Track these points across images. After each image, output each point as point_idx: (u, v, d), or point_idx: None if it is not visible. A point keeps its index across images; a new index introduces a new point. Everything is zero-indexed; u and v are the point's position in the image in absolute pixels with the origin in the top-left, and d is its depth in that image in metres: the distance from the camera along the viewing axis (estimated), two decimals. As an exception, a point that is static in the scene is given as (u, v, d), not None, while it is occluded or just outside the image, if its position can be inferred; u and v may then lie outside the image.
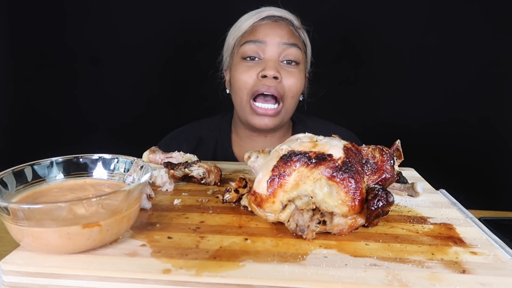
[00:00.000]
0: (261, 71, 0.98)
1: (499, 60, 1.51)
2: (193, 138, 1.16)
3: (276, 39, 0.99)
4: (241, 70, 1.01)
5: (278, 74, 0.97)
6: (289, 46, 1.00)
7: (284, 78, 0.99)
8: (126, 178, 0.56)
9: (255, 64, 1.01)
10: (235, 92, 1.05)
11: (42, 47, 1.64)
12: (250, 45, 1.00)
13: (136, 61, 1.65)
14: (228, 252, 0.46)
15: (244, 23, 1.05)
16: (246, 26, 1.04)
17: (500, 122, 1.57)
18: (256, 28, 1.02)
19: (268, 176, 0.51)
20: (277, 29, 1.01)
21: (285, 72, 1.00)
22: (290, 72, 1.01)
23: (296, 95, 1.04)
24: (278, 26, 1.01)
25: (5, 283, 0.44)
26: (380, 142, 0.61)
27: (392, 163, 0.58)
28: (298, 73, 1.02)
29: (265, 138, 1.12)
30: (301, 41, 1.05)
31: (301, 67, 1.04)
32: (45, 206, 0.41)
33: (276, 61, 0.99)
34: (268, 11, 1.04)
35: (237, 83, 1.02)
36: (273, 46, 0.99)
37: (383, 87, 1.61)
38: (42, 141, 1.68)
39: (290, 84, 1.00)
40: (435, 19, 1.53)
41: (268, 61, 0.99)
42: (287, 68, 1.01)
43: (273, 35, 1.00)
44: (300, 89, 1.04)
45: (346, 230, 0.51)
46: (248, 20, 1.04)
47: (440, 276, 0.43)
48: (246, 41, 1.01)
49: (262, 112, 1.00)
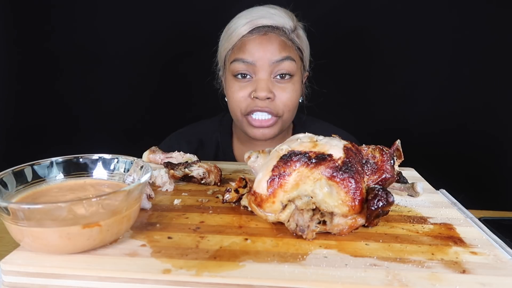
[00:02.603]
0: (253, 92, 0.96)
1: (499, 60, 1.51)
2: (195, 140, 1.16)
3: (267, 58, 0.95)
4: (234, 90, 1.00)
5: (270, 95, 0.95)
6: (281, 62, 0.96)
7: (278, 95, 0.97)
8: (126, 178, 0.56)
9: (247, 83, 0.99)
10: (230, 108, 1.04)
11: (42, 47, 1.64)
12: (240, 64, 0.97)
13: (136, 62, 1.65)
14: (228, 252, 0.46)
15: (234, 33, 0.99)
16: (236, 38, 0.98)
17: (500, 122, 1.57)
18: (245, 43, 0.97)
19: (268, 176, 0.51)
20: (267, 45, 0.95)
21: (278, 88, 0.98)
22: (283, 88, 0.98)
23: (293, 108, 1.02)
24: (268, 41, 0.96)
25: (5, 283, 0.44)
26: (380, 142, 0.61)
27: (392, 163, 0.58)
28: (292, 86, 0.99)
29: (264, 141, 1.11)
30: (295, 49, 1.00)
31: (296, 78, 1.01)
32: (45, 206, 0.41)
33: (267, 81, 0.96)
34: (258, 19, 0.97)
35: (231, 101, 1.02)
36: (263, 66, 0.96)
37: (383, 87, 1.61)
38: (42, 141, 1.68)
39: (285, 100, 0.98)
40: (436, 20, 1.53)
41: (259, 82, 0.96)
42: (280, 84, 0.98)
43: (263, 52, 0.95)
44: (296, 101, 1.02)
45: (346, 230, 0.51)
46: (239, 29, 0.98)
47: (440, 276, 0.43)
48: (235, 59, 0.98)
49: (258, 124, 0.99)
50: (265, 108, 0.97)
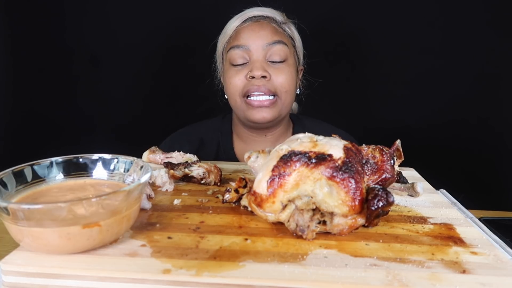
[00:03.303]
0: (249, 72, 0.99)
1: (498, 61, 1.51)
2: (195, 139, 1.16)
3: (260, 41, 1.00)
4: (231, 75, 1.03)
5: (266, 73, 0.98)
6: (274, 45, 1.01)
7: (273, 75, 1.00)
8: (126, 178, 0.56)
9: (243, 67, 1.02)
10: (229, 96, 1.07)
11: (42, 47, 1.64)
12: (235, 51, 1.02)
13: (135, 62, 1.65)
14: (228, 252, 0.46)
15: (228, 28, 1.06)
16: (231, 31, 1.05)
17: (500, 122, 1.57)
18: (239, 32, 1.03)
19: (268, 176, 0.51)
20: (260, 30, 1.01)
21: (273, 70, 1.01)
22: (278, 69, 1.01)
23: (290, 90, 1.04)
24: (260, 27, 1.02)
25: (5, 283, 0.44)
26: (380, 142, 0.61)
27: (392, 163, 0.58)
28: (287, 68, 1.03)
29: (265, 138, 1.12)
30: (286, 36, 1.06)
31: (290, 62, 1.04)
32: (45, 206, 0.41)
33: (262, 61, 1.01)
34: (250, 12, 1.05)
35: (229, 87, 1.05)
36: (257, 49, 1.01)
37: (383, 88, 1.61)
38: (42, 141, 1.68)
39: (281, 81, 1.01)
40: (436, 21, 1.53)
41: (254, 63, 1.00)
42: (275, 66, 1.02)
43: (256, 37, 1.01)
44: (292, 83, 1.04)
45: (346, 230, 0.51)
46: (232, 24, 1.05)
47: (440, 276, 0.43)
48: (231, 47, 1.03)
49: (258, 104, 1.00)
50: (261, 88, 0.99)
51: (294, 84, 1.06)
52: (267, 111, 1.01)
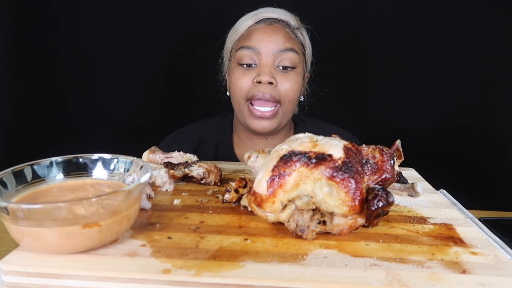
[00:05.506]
0: (256, 76, 0.98)
1: (500, 63, 1.51)
2: (195, 138, 1.16)
3: (271, 46, 0.99)
4: (237, 76, 1.02)
5: (273, 80, 0.97)
6: (285, 52, 0.99)
7: (280, 82, 0.99)
8: (126, 178, 0.56)
9: (251, 70, 1.01)
10: (233, 97, 1.06)
11: (42, 48, 1.64)
12: (245, 51, 1.00)
13: (136, 63, 1.65)
14: (228, 252, 0.46)
15: (240, 26, 1.04)
16: (243, 30, 1.03)
17: (500, 122, 1.57)
18: (251, 32, 1.01)
19: (268, 176, 0.51)
20: (272, 35, 0.99)
21: (280, 76, 1.00)
22: (286, 77, 1.00)
23: (294, 99, 1.03)
24: (273, 31, 1.00)
25: (5, 283, 0.44)
26: (380, 142, 0.61)
27: (392, 163, 0.58)
28: (295, 77, 1.01)
29: (266, 140, 1.12)
30: (298, 43, 1.04)
31: (298, 70, 1.03)
32: (45, 206, 0.41)
33: (271, 67, 0.99)
34: (264, 13, 1.03)
35: (234, 88, 1.03)
36: (267, 53, 0.99)
37: (383, 88, 1.61)
38: (42, 141, 1.68)
39: (286, 89, 1.00)
40: (438, 22, 1.52)
41: (263, 67, 0.99)
42: (283, 73, 1.00)
43: (268, 41, 0.99)
44: (297, 92, 1.04)
45: (346, 230, 0.51)
46: (245, 22, 1.03)
47: (440, 276, 0.43)
48: (241, 47, 1.01)
49: (260, 114, 1.00)
50: (266, 95, 0.98)
51: (298, 93, 1.05)
52: (268, 122, 1.01)
